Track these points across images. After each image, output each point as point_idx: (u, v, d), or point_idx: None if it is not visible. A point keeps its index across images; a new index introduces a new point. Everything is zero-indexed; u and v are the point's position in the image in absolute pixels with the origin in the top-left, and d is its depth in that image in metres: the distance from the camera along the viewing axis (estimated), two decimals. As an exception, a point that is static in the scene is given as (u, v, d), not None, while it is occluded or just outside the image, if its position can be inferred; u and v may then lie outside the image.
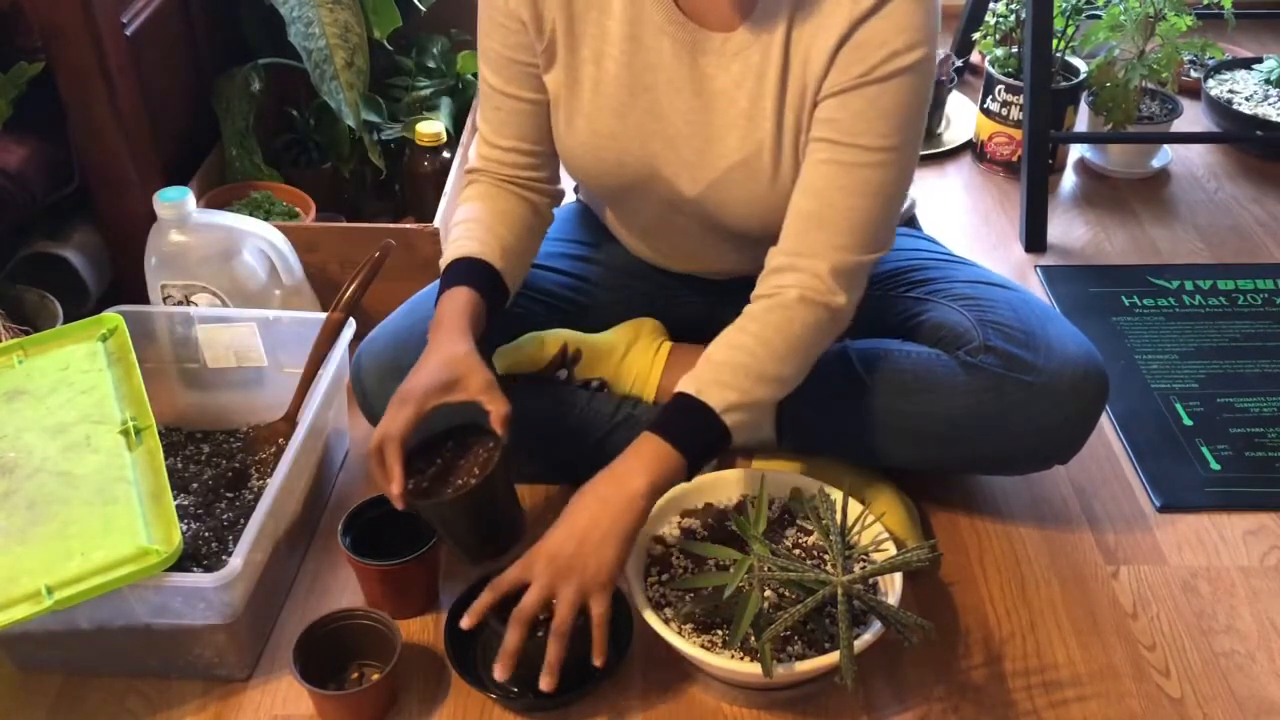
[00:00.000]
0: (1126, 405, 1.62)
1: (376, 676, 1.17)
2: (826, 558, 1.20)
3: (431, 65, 1.98)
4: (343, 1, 1.69)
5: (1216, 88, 2.32)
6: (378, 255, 1.40)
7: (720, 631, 1.15)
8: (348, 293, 1.39)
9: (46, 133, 1.56)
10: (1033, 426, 1.30)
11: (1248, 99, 2.28)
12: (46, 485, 1.17)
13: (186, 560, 1.27)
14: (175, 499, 1.22)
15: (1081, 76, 2.12)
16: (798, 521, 1.28)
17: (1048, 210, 2.00)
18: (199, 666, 1.21)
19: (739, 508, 1.29)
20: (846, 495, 1.19)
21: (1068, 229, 2.05)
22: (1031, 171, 1.98)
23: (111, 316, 1.35)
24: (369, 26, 1.75)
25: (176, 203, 1.46)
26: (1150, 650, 1.27)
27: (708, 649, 1.13)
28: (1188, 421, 1.59)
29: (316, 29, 1.66)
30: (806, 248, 1.19)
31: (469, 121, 1.90)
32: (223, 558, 1.27)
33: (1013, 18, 2.21)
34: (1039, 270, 1.93)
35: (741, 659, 1.12)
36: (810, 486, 1.29)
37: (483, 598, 1.11)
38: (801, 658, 1.13)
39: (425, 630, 1.28)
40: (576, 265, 1.49)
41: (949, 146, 2.28)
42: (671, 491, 1.27)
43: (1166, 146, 2.25)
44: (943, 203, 2.13)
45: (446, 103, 1.92)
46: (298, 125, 1.91)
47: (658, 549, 1.24)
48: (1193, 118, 2.34)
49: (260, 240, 1.54)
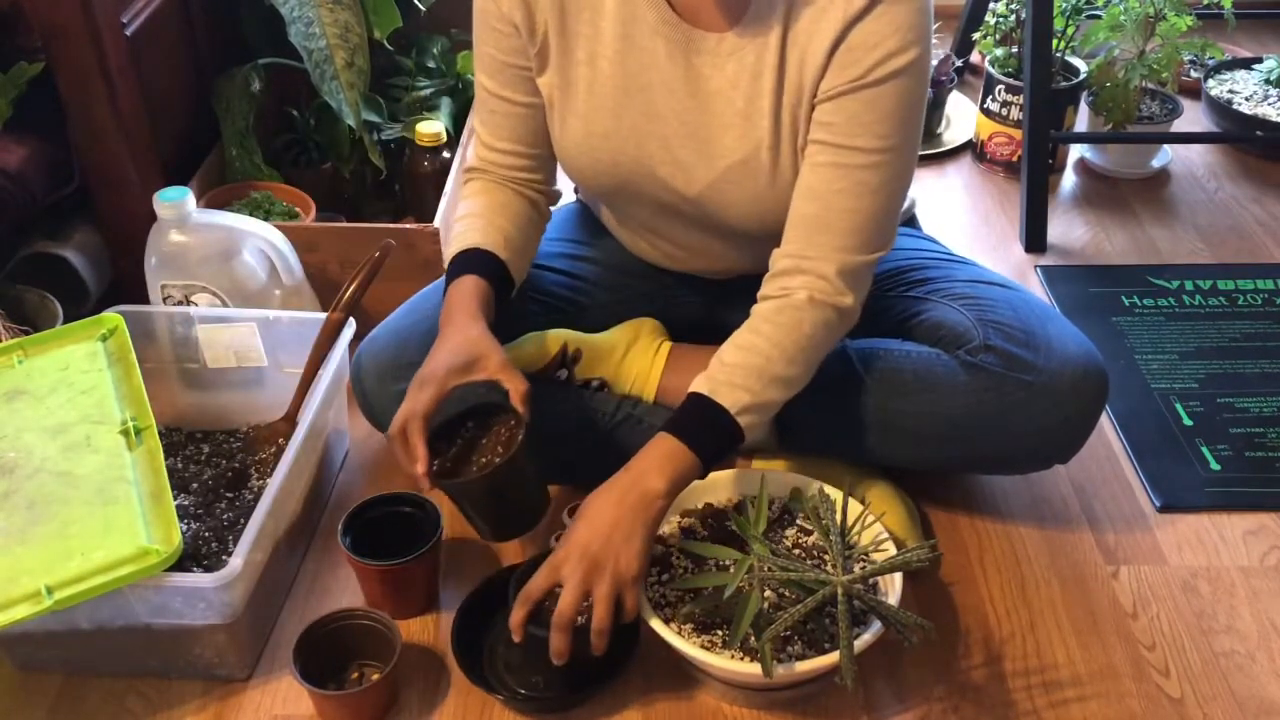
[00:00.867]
0: (1126, 405, 1.62)
1: (376, 676, 1.17)
2: (826, 558, 1.20)
3: (431, 65, 1.98)
4: (343, 1, 1.69)
5: (1216, 88, 2.32)
6: (378, 255, 1.41)
7: (720, 631, 1.15)
8: (348, 293, 1.39)
9: (46, 133, 1.56)
10: (1033, 426, 1.30)
11: (1248, 99, 2.28)
12: (46, 485, 1.17)
13: (186, 560, 1.27)
14: (175, 499, 1.22)
15: (1081, 76, 2.12)
16: (798, 521, 1.28)
17: (1048, 210, 2.00)
18: (199, 666, 1.21)
19: (739, 508, 1.29)
20: (846, 495, 1.19)
21: (1068, 229, 2.05)
22: (1031, 171, 1.98)
23: (111, 316, 1.35)
24: (369, 26, 1.75)
25: (176, 203, 1.46)
26: (1150, 650, 1.27)
27: (708, 649, 1.13)
28: (1188, 421, 1.59)
29: (316, 29, 1.66)
30: (811, 250, 1.19)
31: (469, 121, 1.90)
32: (223, 558, 1.27)
33: (1013, 18, 2.21)
34: (1039, 270, 1.93)
35: (741, 659, 1.12)
36: (810, 486, 1.29)
37: (517, 612, 1.11)
38: (801, 658, 1.13)
39: (425, 630, 1.28)
40: (576, 265, 1.49)
41: (949, 146, 2.28)
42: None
43: (1166, 146, 2.24)
44: (943, 203, 2.13)
45: (446, 103, 1.92)
46: (298, 125, 1.91)
47: (658, 549, 1.24)
48: (1193, 118, 2.34)
49: (260, 240, 1.54)
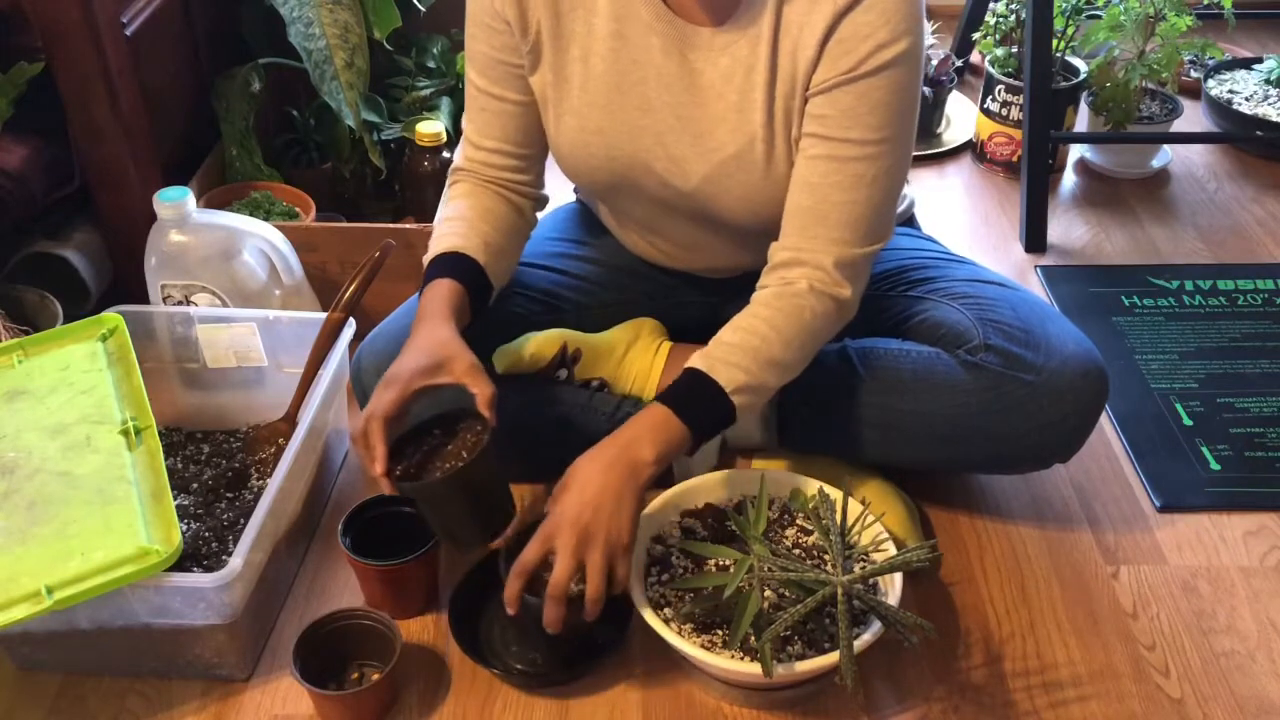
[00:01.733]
0: (1126, 405, 1.62)
1: (376, 676, 1.17)
2: (826, 558, 1.20)
3: (431, 65, 1.98)
4: (343, 1, 1.69)
5: (1216, 88, 2.32)
6: (378, 255, 1.41)
7: (720, 631, 1.15)
8: (348, 293, 1.39)
9: (46, 133, 1.56)
10: (1033, 425, 1.30)
11: (1248, 99, 2.28)
12: (46, 485, 1.17)
13: (186, 560, 1.27)
14: (175, 499, 1.22)
15: (1081, 76, 2.12)
16: (798, 521, 1.28)
17: (1048, 210, 2.00)
18: (199, 666, 1.21)
19: (739, 508, 1.29)
20: (846, 495, 1.19)
21: (1068, 229, 2.05)
22: (1031, 171, 1.98)
23: (111, 316, 1.35)
24: (369, 26, 1.75)
25: (176, 203, 1.46)
26: (1150, 650, 1.27)
27: (708, 649, 1.13)
28: (1188, 421, 1.59)
29: (316, 29, 1.66)
30: (808, 243, 1.19)
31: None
32: (223, 558, 1.27)
33: (1013, 18, 2.21)
34: (1039, 270, 1.93)
35: (741, 659, 1.12)
36: (810, 486, 1.29)
37: (512, 584, 1.11)
38: (801, 658, 1.12)
39: (425, 630, 1.28)
40: (576, 265, 1.49)
41: (949, 146, 2.28)
42: (671, 491, 1.28)
43: (1166, 146, 2.24)
44: (943, 203, 2.13)
45: (446, 103, 1.92)
46: (298, 125, 1.91)
47: (658, 549, 1.24)
48: (1193, 118, 2.34)
49: (260, 240, 1.54)
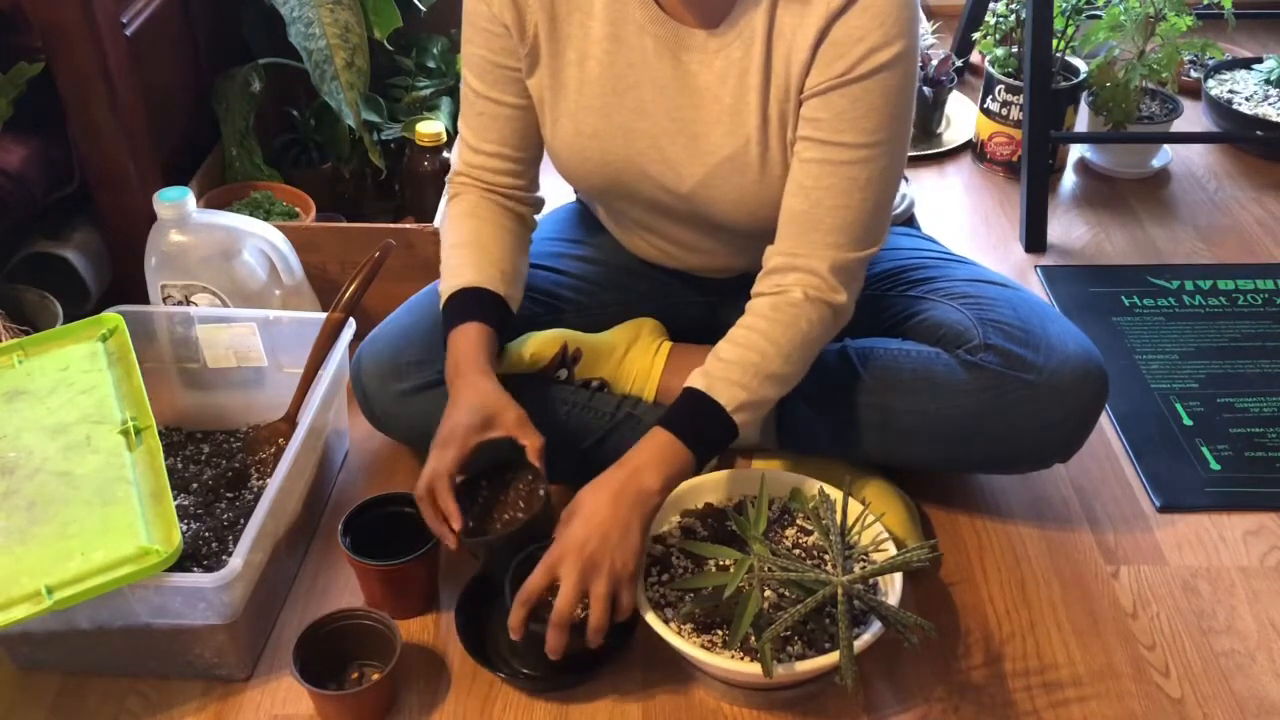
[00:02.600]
0: (1126, 405, 1.62)
1: (376, 676, 1.17)
2: (826, 558, 1.20)
3: (431, 65, 1.98)
4: (343, 2, 1.69)
5: (1216, 88, 2.32)
6: (378, 255, 1.40)
7: (720, 631, 1.15)
8: (348, 293, 1.39)
9: (46, 133, 1.56)
10: (1033, 425, 1.30)
11: (1248, 99, 2.28)
12: (46, 485, 1.17)
13: (186, 560, 1.27)
14: (175, 499, 1.22)
15: (1081, 76, 2.12)
16: (798, 521, 1.28)
17: (1048, 210, 2.00)
18: (199, 666, 1.21)
19: (739, 508, 1.29)
20: (846, 495, 1.19)
21: (1068, 229, 2.05)
22: (1031, 171, 1.98)
23: (111, 316, 1.35)
24: (369, 26, 1.75)
25: (176, 203, 1.46)
26: (1150, 650, 1.27)
27: (708, 649, 1.13)
28: (1188, 421, 1.59)
29: (316, 29, 1.66)
30: (803, 248, 1.19)
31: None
32: (223, 558, 1.27)
33: (1013, 18, 2.21)
34: (1039, 270, 1.93)
35: (741, 659, 1.12)
36: (810, 486, 1.29)
37: (516, 612, 1.11)
38: (801, 658, 1.12)
39: (425, 630, 1.28)
40: (576, 265, 1.49)
41: (949, 146, 2.28)
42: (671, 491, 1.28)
43: (1166, 146, 2.25)
44: (943, 203, 2.13)
45: (446, 103, 1.92)
46: (298, 125, 1.91)
47: (658, 549, 1.24)
48: (1193, 118, 2.34)
49: (260, 240, 1.54)
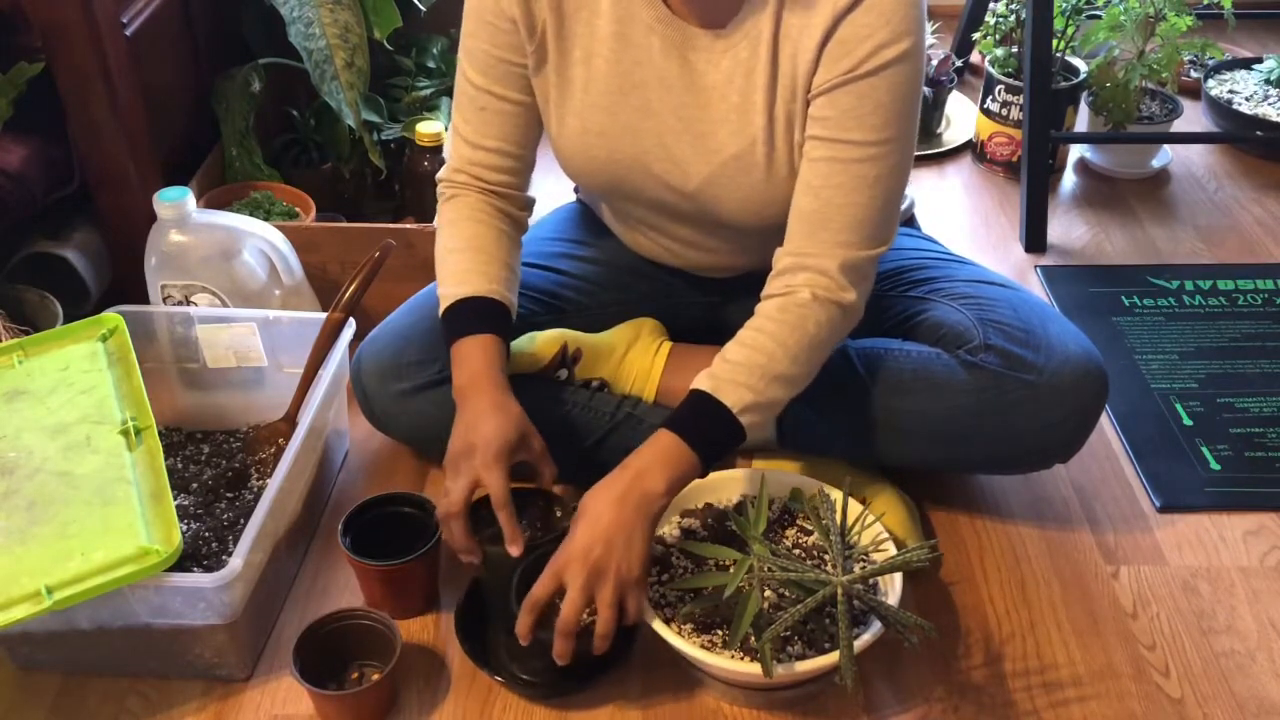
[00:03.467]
0: (1126, 405, 1.62)
1: (376, 676, 1.17)
2: (826, 558, 1.20)
3: (431, 65, 1.98)
4: (343, 2, 1.69)
5: (1216, 88, 2.32)
6: (378, 255, 1.40)
7: (720, 631, 1.15)
8: (348, 293, 1.39)
9: (46, 133, 1.56)
10: (1033, 425, 1.30)
11: (1248, 99, 2.28)
12: (46, 485, 1.17)
13: (186, 560, 1.27)
14: (175, 499, 1.22)
15: (1081, 76, 2.12)
16: (798, 521, 1.28)
17: (1048, 210, 2.00)
18: (199, 666, 1.21)
19: (739, 508, 1.29)
20: (846, 495, 1.19)
21: (1068, 229, 2.05)
22: (1031, 171, 1.98)
23: (111, 316, 1.34)
24: (369, 26, 1.75)
25: (176, 203, 1.46)
26: (1150, 650, 1.27)
27: (708, 649, 1.13)
28: (1188, 421, 1.59)
29: (316, 29, 1.66)
30: (812, 247, 1.19)
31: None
32: (223, 558, 1.27)
33: (1013, 18, 2.21)
34: (1039, 270, 1.93)
35: (741, 659, 1.12)
36: (810, 486, 1.29)
37: (523, 619, 1.10)
38: (801, 658, 1.12)
39: (425, 630, 1.28)
40: (577, 265, 1.49)
41: (949, 146, 2.28)
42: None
43: (1166, 146, 2.25)
44: (943, 203, 2.13)
45: (446, 103, 1.92)
46: (298, 125, 1.91)
47: (658, 549, 1.24)
48: (1193, 118, 2.34)
49: (260, 240, 1.54)
